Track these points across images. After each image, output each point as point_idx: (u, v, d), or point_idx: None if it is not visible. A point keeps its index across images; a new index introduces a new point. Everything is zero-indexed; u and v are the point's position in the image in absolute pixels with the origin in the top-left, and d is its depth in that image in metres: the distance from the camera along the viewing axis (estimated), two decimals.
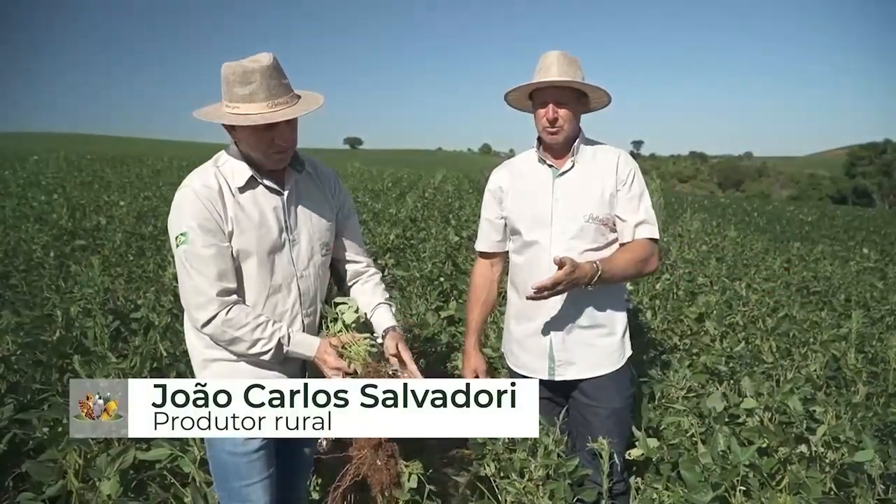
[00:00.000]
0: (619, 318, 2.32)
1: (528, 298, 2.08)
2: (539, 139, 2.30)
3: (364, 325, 2.01)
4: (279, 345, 1.82)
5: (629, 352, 2.34)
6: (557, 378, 2.28)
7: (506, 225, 2.38)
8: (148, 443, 2.41)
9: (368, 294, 2.10)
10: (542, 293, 2.01)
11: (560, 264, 1.98)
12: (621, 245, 2.26)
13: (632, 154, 2.38)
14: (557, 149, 2.26)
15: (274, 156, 1.81)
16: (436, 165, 33.75)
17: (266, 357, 1.83)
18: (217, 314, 1.77)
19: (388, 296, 2.13)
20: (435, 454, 2.55)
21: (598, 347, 2.27)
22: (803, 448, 2.36)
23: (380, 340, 1.96)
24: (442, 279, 5.49)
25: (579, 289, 2.16)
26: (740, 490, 2.11)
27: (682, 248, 7.68)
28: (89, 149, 38.90)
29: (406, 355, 1.89)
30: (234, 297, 1.80)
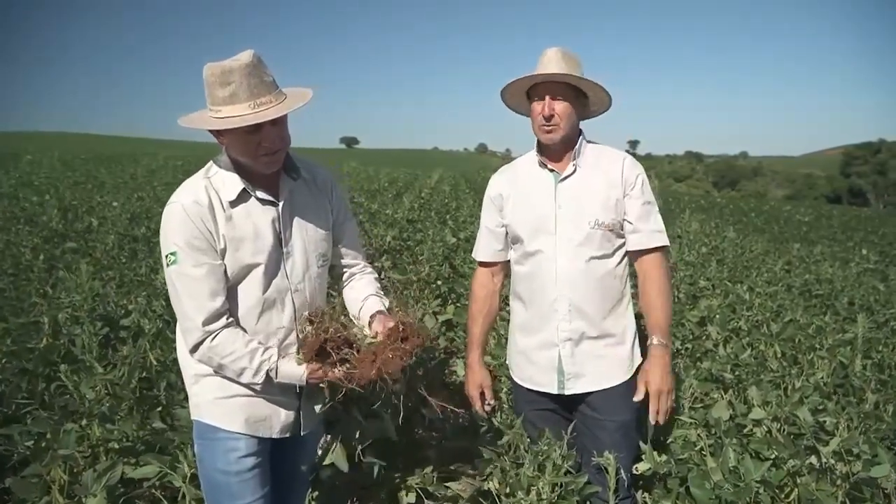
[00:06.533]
0: (628, 326, 2.24)
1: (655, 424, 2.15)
2: (538, 142, 2.21)
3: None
4: (268, 377, 1.75)
5: (639, 360, 2.26)
6: (567, 392, 2.20)
7: (507, 233, 2.29)
8: (137, 458, 2.33)
9: (359, 288, 2.03)
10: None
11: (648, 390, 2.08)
12: (631, 252, 2.21)
13: (628, 153, 2.31)
14: (556, 151, 2.17)
15: (263, 159, 1.71)
16: (432, 165, 33.66)
17: (256, 386, 1.76)
18: (202, 341, 1.69)
19: (380, 289, 2.04)
20: (435, 467, 2.47)
21: (607, 358, 2.19)
22: (813, 460, 2.30)
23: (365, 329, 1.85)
24: (440, 282, 5.40)
25: (586, 299, 2.14)
26: None
27: (682, 249, 7.61)
28: (84, 148, 38.66)
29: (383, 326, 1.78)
30: (223, 321, 1.72)
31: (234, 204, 1.74)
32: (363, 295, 1.99)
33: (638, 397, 2.12)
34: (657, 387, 2.08)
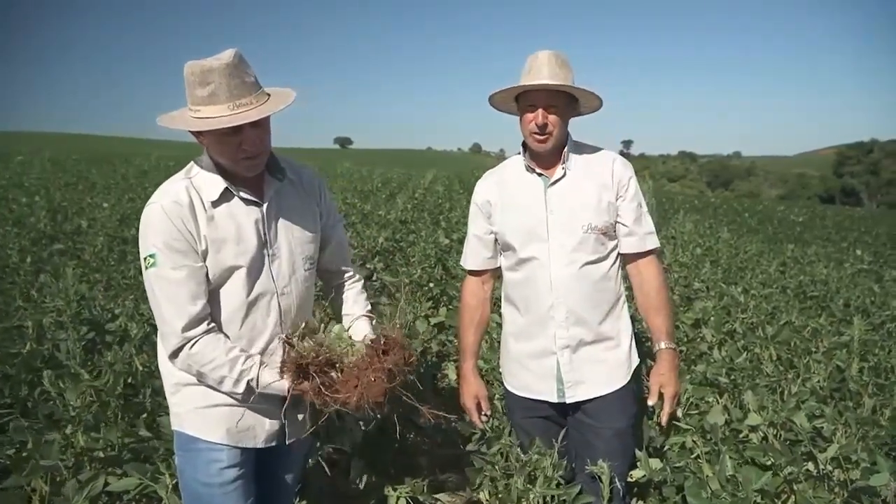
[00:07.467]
0: (624, 328, 2.20)
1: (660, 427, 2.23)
2: (524, 145, 2.16)
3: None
4: (249, 387, 1.69)
5: (636, 361, 2.23)
6: (569, 400, 2.15)
7: (496, 240, 2.24)
8: (121, 467, 2.27)
9: (349, 304, 2.00)
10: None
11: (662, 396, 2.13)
12: (626, 255, 2.18)
13: (622, 154, 2.27)
14: (545, 156, 2.13)
15: (243, 162, 1.66)
16: (426, 165, 33.57)
17: (237, 396, 1.71)
18: (181, 348, 1.64)
19: (369, 306, 2.01)
20: (426, 476, 2.41)
21: (606, 362, 2.15)
22: (810, 466, 2.26)
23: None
24: (432, 284, 5.34)
25: (583, 305, 2.11)
26: None
27: (676, 250, 7.57)
28: (77, 148, 38.27)
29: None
30: (204, 326, 1.66)
31: (216, 204, 1.69)
32: (354, 313, 1.97)
33: (652, 401, 2.15)
34: (675, 390, 2.13)
